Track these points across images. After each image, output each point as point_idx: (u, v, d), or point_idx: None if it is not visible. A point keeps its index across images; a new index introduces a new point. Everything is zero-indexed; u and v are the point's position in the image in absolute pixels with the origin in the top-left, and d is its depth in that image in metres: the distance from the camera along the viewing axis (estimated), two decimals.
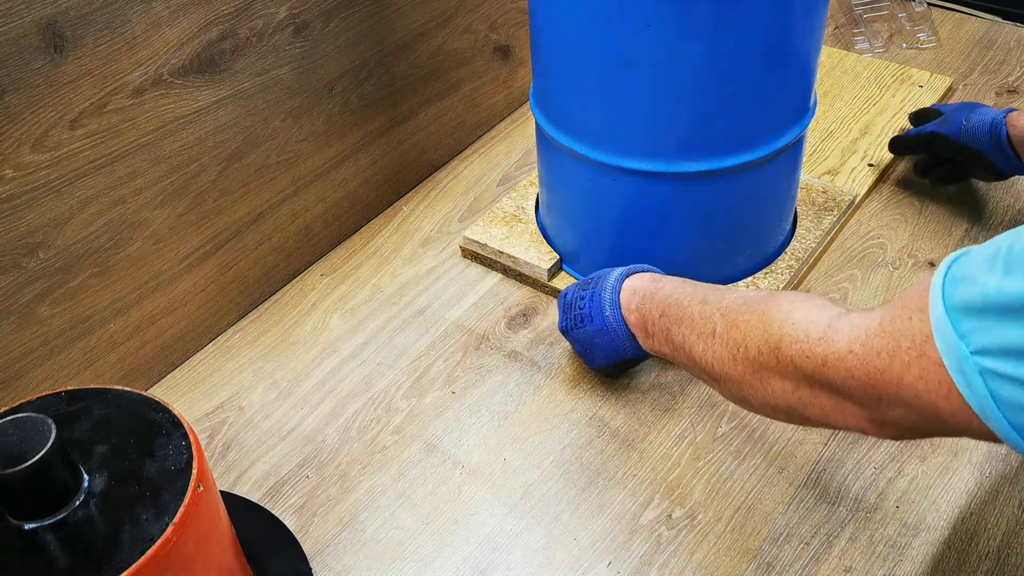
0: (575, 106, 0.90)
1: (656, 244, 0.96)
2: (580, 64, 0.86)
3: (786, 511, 0.83)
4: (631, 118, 0.86)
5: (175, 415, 0.64)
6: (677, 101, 0.84)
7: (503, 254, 1.06)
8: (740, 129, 0.87)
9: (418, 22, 1.13)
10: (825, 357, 0.59)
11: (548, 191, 1.03)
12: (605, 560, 0.80)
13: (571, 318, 0.89)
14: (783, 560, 0.79)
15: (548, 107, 0.94)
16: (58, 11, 0.76)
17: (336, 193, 1.12)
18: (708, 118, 0.85)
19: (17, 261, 0.81)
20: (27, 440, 0.57)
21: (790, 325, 0.63)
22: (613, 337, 0.85)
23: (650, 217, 0.94)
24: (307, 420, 0.94)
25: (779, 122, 0.89)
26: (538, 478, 0.87)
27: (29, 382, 0.86)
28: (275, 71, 0.97)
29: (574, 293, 0.90)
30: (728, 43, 0.79)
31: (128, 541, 0.57)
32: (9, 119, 0.76)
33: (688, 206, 0.92)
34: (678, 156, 0.87)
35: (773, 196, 0.97)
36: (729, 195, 0.92)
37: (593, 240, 1.00)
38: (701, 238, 0.96)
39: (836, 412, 0.61)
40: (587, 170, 0.93)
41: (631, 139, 0.88)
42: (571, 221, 1.01)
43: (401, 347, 1.01)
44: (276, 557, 0.80)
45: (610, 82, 0.85)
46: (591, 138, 0.90)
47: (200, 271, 0.99)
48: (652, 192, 0.91)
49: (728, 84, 0.82)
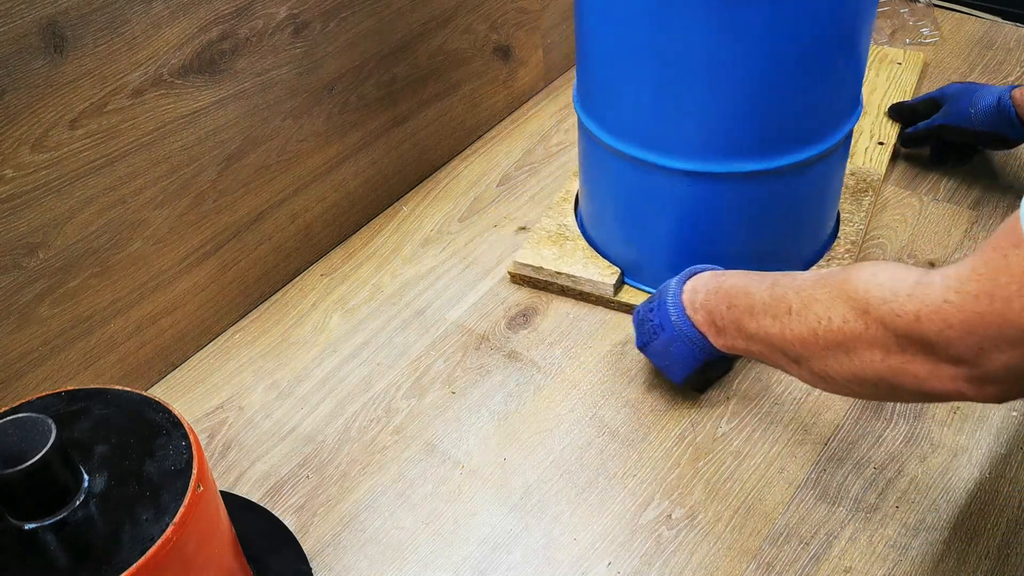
0: (629, 108, 0.88)
1: (717, 246, 0.94)
2: (639, 66, 0.84)
3: (786, 511, 0.83)
4: (690, 119, 0.85)
5: (175, 415, 0.64)
6: (739, 100, 0.83)
7: (561, 274, 1.02)
8: (802, 126, 0.87)
9: (418, 22, 1.13)
10: (918, 312, 0.57)
11: (598, 201, 1.01)
12: (605, 560, 0.80)
13: (644, 333, 0.88)
14: (783, 560, 0.79)
15: (600, 111, 0.92)
16: (58, 11, 0.76)
17: (336, 193, 1.12)
18: (770, 116, 0.84)
19: (17, 261, 0.81)
20: (27, 440, 0.57)
21: (876, 286, 0.61)
22: (685, 341, 0.83)
23: (710, 219, 0.92)
24: (307, 420, 0.94)
25: (838, 116, 0.89)
26: (538, 478, 0.87)
27: (29, 382, 0.86)
28: (275, 71, 0.97)
29: (643, 309, 0.89)
30: (794, 40, 0.79)
31: (128, 541, 0.57)
32: (9, 119, 0.76)
33: (749, 205, 0.91)
34: (738, 155, 0.87)
35: (829, 188, 0.97)
36: (790, 191, 0.91)
37: (653, 247, 0.98)
38: (762, 236, 0.95)
39: (932, 376, 0.59)
40: (643, 174, 0.91)
41: (689, 140, 0.87)
42: (627, 231, 0.99)
43: (401, 347, 1.01)
44: (276, 557, 0.80)
45: (669, 83, 0.83)
46: (649, 141, 0.89)
47: (200, 271, 0.99)
48: (712, 193, 0.90)
49: (792, 82, 0.82)
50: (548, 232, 1.07)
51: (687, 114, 0.85)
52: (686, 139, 0.87)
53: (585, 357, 0.98)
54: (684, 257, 0.94)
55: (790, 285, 0.71)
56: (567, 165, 1.25)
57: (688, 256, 0.94)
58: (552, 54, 1.39)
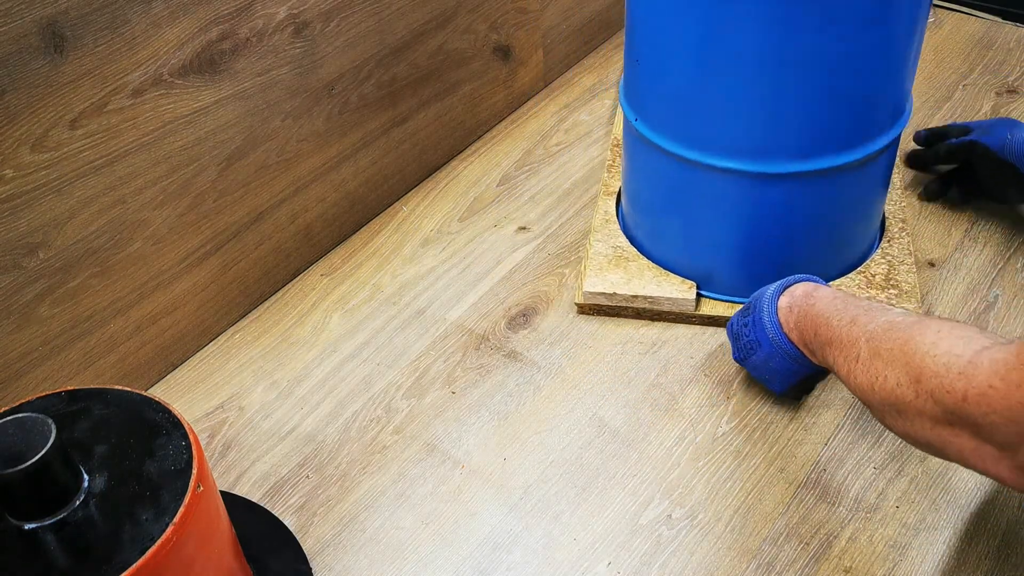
0: (692, 111, 0.88)
1: (793, 247, 0.94)
2: (702, 67, 0.84)
3: (786, 511, 0.83)
4: (756, 119, 0.85)
5: (175, 415, 0.64)
6: (811, 95, 0.82)
7: (637, 297, 0.99)
8: (873, 118, 0.87)
9: (418, 22, 1.13)
10: (966, 392, 0.58)
11: (662, 217, 0.99)
12: (605, 560, 0.80)
13: (741, 348, 0.88)
14: (783, 560, 0.79)
15: (674, 127, 0.90)
16: (58, 11, 0.76)
17: (336, 193, 1.12)
18: (842, 111, 0.84)
19: (17, 261, 0.81)
20: (27, 440, 0.57)
21: (931, 358, 0.61)
22: (784, 357, 0.83)
23: (785, 222, 0.92)
24: (307, 420, 0.94)
25: (897, 110, 0.89)
26: (538, 478, 0.87)
27: (29, 382, 0.86)
28: (275, 71, 0.97)
29: (738, 322, 0.88)
30: (860, 36, 0.79)
31: (128, 541, 0.57)
32: (9, 119, 0.76)
33: (821, 203, 0.91)
34: (811, 153, 0.86)
35: (885, 181, 0.97)
36: (854, 187, 0.91)
37: (727, 256, 0.97)
38: (828, 234, 0.95)
39: (975, 455, 0.59)
40: (718, 182, 0.90)
41: (763, 142, 0.86)
42: (698, 243, 0.97)
43: (401, 347, 1.01)
44: (276, 557, 0.80)
45: (742, 82, 0.83)
46: (724, 147, 0.87)
47: (200, 271, 0.99)
48: (787, 194, 0.89)
49: (859, 78, 0.82)
50: (605, 256, 1.03)
51: (757, 113, 0.84)
52: (759, 141, 0.86)
53: (585, 357, 0.98)
54: (759, 262, 0.94)
55: (864, 328, 0.71)
56: (567, 165, 1.25)
57: (763, 261, 0.94)
58: (552, 54, 1.40)
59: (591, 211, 1.17)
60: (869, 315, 0.72)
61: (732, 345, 0.90)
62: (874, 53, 0.82)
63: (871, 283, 0.98)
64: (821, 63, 0.81)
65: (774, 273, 0.90)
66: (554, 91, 1.40)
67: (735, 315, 0.90)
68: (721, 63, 0.83)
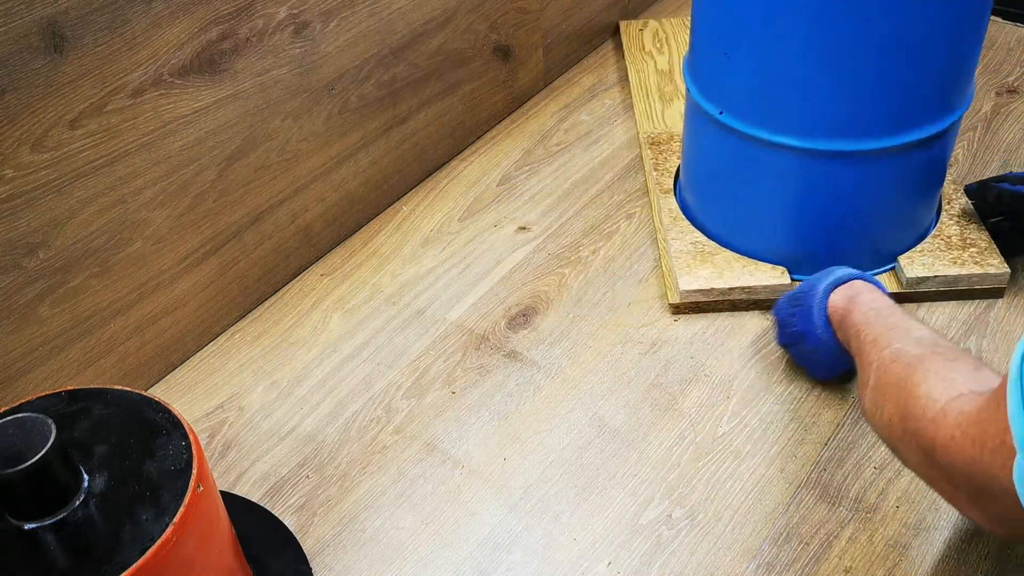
0: (788, 97, 0.89)
1: (871, 224, 0.98)
2: (804, 55, 0.86)
3: (786, 511, 0.82)
4: (849, 99, 0.87)
5: (175, 415, 0.64)
6: (899, 79, 0.85)
7: (734, 289, 1.00)
8: (947, 92, 0.89)
9: (418, 22, 1.13)
10: (934, 440, 0.58)
11: (745, 205, 1.00)
12: (605, 560, 0.80)
13: (787, 336, 0.90)
14: (783, 560, 0.79)
15: (762, 113, 0.92)
16: (58, 11, 0.76)
17: (336, 193, 1.12)
18: (926, 90, 0.87)
19: (17, 261, 0.81)
20: (27, 440, 0.57)
21: (914, 400, 0.62)
22: (830, 353, 0.86)
23: (868, 197, 0.95)
24: (307, 420, 0.94)
25: (967, 85, 0.91)
26: (538, 478, 0.87)
27: (29, 382, 0.86)
28: (275, 71, 0.97)
29: (786, 310, 0.91)
30: (946, 18, 0.82)
31: (128, 541, 0.57)
32: (9, 119, 0.76)
33: (902, 176, 0.94)
34: (892, 130, 0.88)
35: (952, 149, 1.00)
36: (936, 157, 0.94)
37: (817, 238, 0.99)
38: (909, 206, 0.98)
39: (953, 498, 0.60)
40: (812, 164, 0.92)
41: (849, 120, 0.88)
42: (787, 228, 0.99)
43: (401, 347, 1.01)
44: (276, 557, 0.80)
45: (837, 66, 0.85)
46: (815, 129, 0.89)
47: (200, 271, 0.99)
48: (868, 171, 0.92)
49: (939, 50, 0.84)
50: (688, 253, 1.04)
51: (854, 96, 0.87)
52: (852, 121, 0.88)
53: (585, 357, 0.98)
54: (846, 239, 0.97)
55: (880, 353, 0.72)
56: (567, 165, 1.25)
57: (850, 237, 0.97)
58: (552, 54, 1.40)
59: (592, 211, 1.17)
60: (887, 336, 0.74)
61: (778, 330, 0.93)
62: (958, 35, 0.85)
63: (950, 245, 1.01)
64: (913, 46, 0.83)
65: (859, 249, 0.95)
66: (554, 91, 1.40)
67: (783, 300, 0.92)
68: (822, 49, 0.85)
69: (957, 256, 1.00)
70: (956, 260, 0.99)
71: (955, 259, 0.99)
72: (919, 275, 0.99)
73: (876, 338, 0.75)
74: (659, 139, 1.21)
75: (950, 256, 1.00)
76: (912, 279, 0.99)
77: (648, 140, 1.22)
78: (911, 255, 1.00)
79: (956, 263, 0.99)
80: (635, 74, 1.38)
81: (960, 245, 1.01)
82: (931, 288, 0.99)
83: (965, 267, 0.98)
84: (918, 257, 1.00)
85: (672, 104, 1.31)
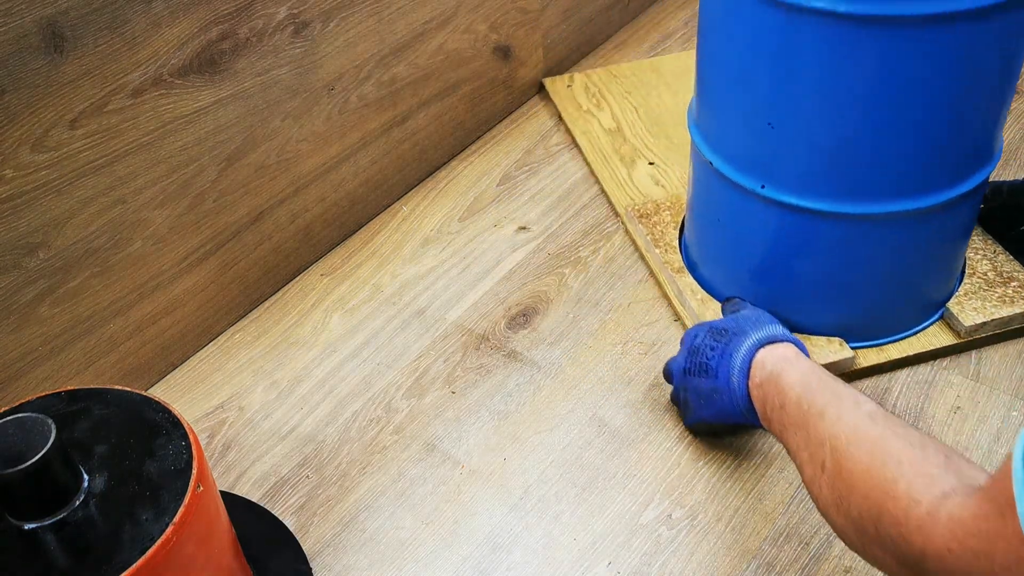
0: (840, 164, 0.83)
1: (921, 281, 0.92)
2: (853, 125, 0.80)
3: (786, 511, 0.82)
4: (902, 160, 0.82)
5: (175, 415, 0.64)
6: (915, 138, 0.80)
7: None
8: (989, 147, 0.85)
9: (418, 22, 1.13)
10: (923, 549, 0.54)
11: (801, 282, 0.93)
12: (605, 560, 0.80)
13: (693, 363, 0.84)
14: (783, 560, 0.79)
15: (800, 178, 0.85)
16: (58, 11, 0.76)
17: (336, 193, 1.12)
18: (970, 143, 0.83)
19: (17, 261, 0.81)
20: (27, 440, 0.57)
21: (892, 500, 0.57)
22: (731, 401, 0.80)
23: (918, 253, 0.90)
24: (307, 420, 0.94)
25: (994, 146, 0.87)
26: (538, 478, 0.87)
27: (29, 382, 0.86)
28: (275, 71, 0.97)
29: (704, 340, 0.84)
30: (971, 70, 0.77)
31: (128, 541, 0.57)
32: (9, 119, 0.76)
33: (943, 233, 0.89)
34: (942, 186, 0.84)
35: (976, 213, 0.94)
36: (969, 211, 0.89)
37: (869, 301, 0.92)
38: (951, 257, 0.93)
39: None
40: (864, 230, 0.86)
41: (903, 180, 0.83)
42: (833, 298, 0.92)
43: (401, 347, 1.01)
44: (276, 557, 0.80)
45: (885, 133, 0.79)
46: (869, 196, 0.83)
47: (200, 271, 0.99)
48: (922, 227, 0.87)
49: (979, 113, 0.80)
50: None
51: (904, 157, 0.81)
52: (907, 181, 0.83)
53: (585, 357, 0.98)
54: (901, 299, 0.92)
55: (831, 429, 0.66)
56: (567, 165, 1.25)
57: (904, 297, 0.92)
58: (552, 54, 1.40)
59: (591, 211, 1.17)
60: (837, 409, 0.68)
61: (682, 353, 0.86)
62: (999, 96, 0.81)
63: (990, 282, 0.97)
64: (962, 111, 0.79)
65: (913, 305, 0.91)
66: (554, 91, 1.40)
67: (701, 328, 0.86)
68: (878, 117, 0.79)
69: (1003, 293, 0.95)
70: (1003, 298, 0.95)
71: (1001, 297, 0.95)
72: (977, 321, 0.93)
73: (824, 410, 0.68)
74: (645, 211, 1.10)
75: (995, 295, 0.95)
76: (971, 327, 0.93)
77: (635, 214, 1.10)
78: (959, 301, 0.95)
79: (1005, 302, 0.94)
80: (584, 138, 1.27)
81: (1000, 281, 0.96)
82: (988, 332, 0.94)
83: (1016, 305, 0.94)
84: (966, 302, 0.95)
85: (636, 166, 1.21)
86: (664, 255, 1.05)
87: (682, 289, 1.00)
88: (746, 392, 0.78)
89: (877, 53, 0.75)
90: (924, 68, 0.75)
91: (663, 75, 1.39)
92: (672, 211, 1.10)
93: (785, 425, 0.72)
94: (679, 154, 1.22)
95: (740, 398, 0.79)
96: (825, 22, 0.75)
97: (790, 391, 0.73)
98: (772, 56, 0.80)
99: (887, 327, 0.93)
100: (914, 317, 0.94)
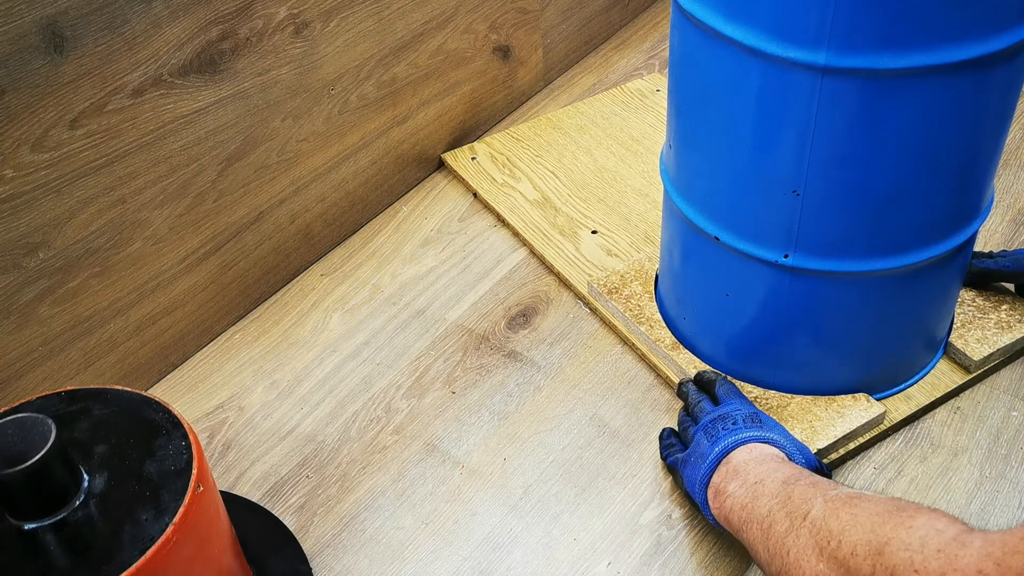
0: (869, 222, 0.78)
1: (929, 324, 0.90)
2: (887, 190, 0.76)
3: None
4: (932, 214, 0.79)
5: (175, 415, 0.64)
6: (952, 184, 0.78)
7: (839, 440, 0.86)
8: (987, 194, 0.83)
9: (418, 22, 1.13)
10: (943, 573, 0.50)
11: (822, 347, 0.88)
12: (605, 560, 0.80)
13: (681, 419, 0.85)
14: None
15: (831, 246, 0.80)
16: (58, 11, 0.76)
17: (336, 193, 1.12)
18: (972, 194, 0.81)
19: (17, 261, 0.81)
20: (27, 440, 0.57)
21: (906, 529, 0.54)
22: (692, 480, 0.77)
23: (933, 302, 0.88)
24: (307, 420, 0.94)
25: (986, 198, 0.84)
26: (538, 478, 0.87)
27: (29, 382, 0.86)
28: (275, 71, 0.97)
29: (708, 411, 0.81)
30: (997, 113, 0.75)
31: (128, 541, 0.57)
32: (9, 119, 0.76)
33: (952, 275, 0.87)
34: (955, 233, 0.81)
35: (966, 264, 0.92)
36: (964, 258, 0.88)
37: (889, 354, 0.89)
38: (952, 297, 0.91)
39: None
40: (883, 286, 0.83)
41: (937, 232, 0.80)
42: (855, 357, 0.89)
43: (401, 347, 1.01)
44: (276, 557, 0.80)
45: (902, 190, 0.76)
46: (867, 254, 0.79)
47: (200, 271, 0.99)
48: (939, 275, 0.85)
49: (981, 166, 0.78)
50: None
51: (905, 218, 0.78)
52: (931, 234, 0.80)
53: (585, 357, 0.98)
54: (915, 346, 0.90)
55: (827, 494, 0.63)
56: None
57: (919, 343, 0.90)
58: (552, 54, 1.40)
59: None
60: (823, 486, 0.65)
61: (712, 414, 0.81)
62: (993, 149, 0.79)
63: (982, 309, 0.95)
64: (967, 166, 0.77)
65: (925, 347, 0.90)
66: (554, 91, 1.40)
67: (700, 406, 0.83)
68: (899, 181, 0.75)
69: (998, 320, 0.94)
70: (1000, 324, 0.93)
71: (998, 323, 0.93)
72: (985, 353, 0.91)
73: (815, 483, 0.65)
74: (612, 286, 1.01)
75: (991, 322, 0.93)
76: (980, 360, 0.90)
77: (603, 290, 1.00)
78: (960, 335, 0.93)
79: (1002, 328, 0.93)
80: (512, 215, 1.15)
81: (990, 306, 0.95)
82: (996, 361, 0.92)
83: (1016, 330, 0.92)
84: (967, 333, 0.93)
85: (579, 237, 1.10)
86: (651, 331, 0.96)
87: (684, 366, 0.93)
88: (705, 495, 0.75)
89: (918, 105, 0.71)
90: (960, 116, 0.72)
91: (566, 131, 1.28)
92: (640, 281, 1.01)
93: (757, 495, 0.68)
94: (618, 216, 1.13)
95: (700, 495, 0.76)
96: (861, 80, 0.70)
97: (764, 481, 0.69)
98: (798, 123, 0.73)
99: (904, 372, 0.91)
100: (922, 356, 0.92)
